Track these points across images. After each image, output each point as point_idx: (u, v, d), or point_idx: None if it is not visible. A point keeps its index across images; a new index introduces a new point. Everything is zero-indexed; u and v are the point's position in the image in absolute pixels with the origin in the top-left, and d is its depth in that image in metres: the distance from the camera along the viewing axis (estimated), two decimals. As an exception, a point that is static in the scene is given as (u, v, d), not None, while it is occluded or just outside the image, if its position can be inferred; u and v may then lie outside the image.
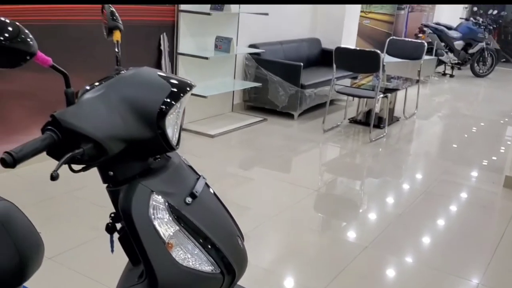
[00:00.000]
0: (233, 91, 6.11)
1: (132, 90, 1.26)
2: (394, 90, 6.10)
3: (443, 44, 10.22)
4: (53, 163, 1.14)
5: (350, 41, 7.71)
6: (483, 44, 10.34)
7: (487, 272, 3.03)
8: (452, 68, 10.62)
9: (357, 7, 7.86)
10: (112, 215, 1.37)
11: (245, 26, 6.06)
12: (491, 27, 10.72)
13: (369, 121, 5.85)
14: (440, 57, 10.13)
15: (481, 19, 10.66)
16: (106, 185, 1.35)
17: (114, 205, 1.36)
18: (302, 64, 6.00)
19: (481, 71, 10.56)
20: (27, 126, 4.00)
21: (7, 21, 1.15)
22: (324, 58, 7.26)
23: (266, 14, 5.86)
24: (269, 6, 6.19)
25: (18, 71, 3.83)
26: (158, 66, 5.10)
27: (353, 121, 6.26)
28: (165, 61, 5.15)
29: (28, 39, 1.17)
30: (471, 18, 10.92)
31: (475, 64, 10.51)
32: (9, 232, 1.40)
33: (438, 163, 5.11)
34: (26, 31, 1.16)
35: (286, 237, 3.35)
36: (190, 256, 1.28)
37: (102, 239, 1.62)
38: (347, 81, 6.36)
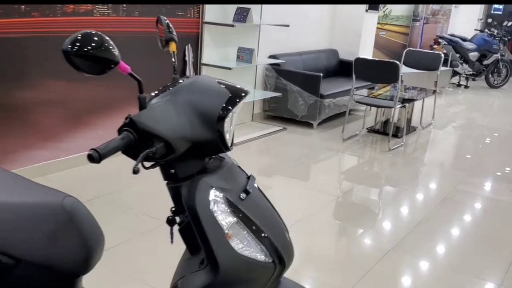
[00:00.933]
0: (253, 101, 6.25)
1: (196, 96, 1.40)
2: (412, 100, 6.21)
3: (458, 55, 10.32)
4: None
5: (366, 52, 7.84)
6: (498, 56, 10.43)
7: (508, 274, 3.13)
8: (467, 79, 10.70)
9: (374, 19, 7.99)
10: (173, 209, 1.50)
11: (266, 37, 6.22)
12: (506, 39, 10.81)
13: (387, 130, 5.96)
14: (455, 68, 10.22)
15: (496, 31, 10.76)
16: (166, 182, 1.49)
17: (173, 200, 1.49)
18: (321, 74, 6.13)
19: (495, 82, 10.64)
20: (57, 133, 4.17)
21: (93, 32, 1.29)
22: (341, 68, 7.40)
23: (287, 25, 6.01)
24: (289, 17, 6.34)
25: (50, 81, 4.01)
26: (183, 75, 5.25)
27: (371, 130, 6.38)
28: (189, 71, 5.31)
29: (111, 47, 1.30)
30: (486, 30, 11.02)
31: (490, 75, 10.60)
32: (77, 226, 1.53)
33: (455, 172, 5.20)
34: (110, 41, 1.30)
35: (308, 242, 3.46)
36: (246, 246, 1.42)
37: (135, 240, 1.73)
38: (364, 92, 6.48)
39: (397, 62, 5.51)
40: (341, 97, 6.45)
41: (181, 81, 1.50)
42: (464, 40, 10.66)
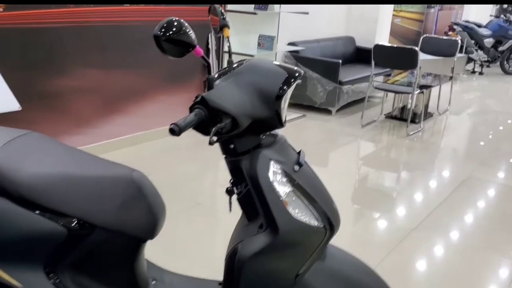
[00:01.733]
0: (273, 88, 6.37)
1: (256, 77, 1.55)
2: (429, 86, 6.32)
3: (472, 41, 10.37)
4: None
5: (382, 39, 7.94)
6: (513, 42, 10.48)
7: (528, 252, 3.27)
8: (482, 65, 10.76)
9: (390, 6, 8.09)
10: (231, 180, 1.65)
11: (285, 24, 6.34)
12: (522, 25, 10.85)
13: (405, 116, 6.09)
14: (470, 55, 10.28)
15: (511, 16, 10.78)
16: (224, 156, 1.64)
17: (231, 173, 1.65)
18: (340, 61, 6.26)
19: (510, 69, 10.69)
20: (90, 118, 4.34)
21: (174, 19, 1.44)
22: (358, 55, 7.52)
23: (307, 13, 6.13)
24: (308, 5, 6.45)
25: (83, 70, 4.17)
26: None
27: (389, 116, 6.50)
28: (212, 59, 5.45)
29: (188, 30, 1.45)
30: (502, 16, 11.05)
31: (505, 62, 10.64)
32: (144, 196, 1.69)
33: (473, 156, 5.33)
34: (188, 26, 1.45)
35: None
36: (301, 212, 1.57)
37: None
38: (381, 78, 6.60)
39: (416, 48, 5.62)
40: (359, 84, 6.57)
41: (235, 65, 1.65)
42: (479, 26, 10.70)
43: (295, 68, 1.62)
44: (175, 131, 1.36)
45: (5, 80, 3.28)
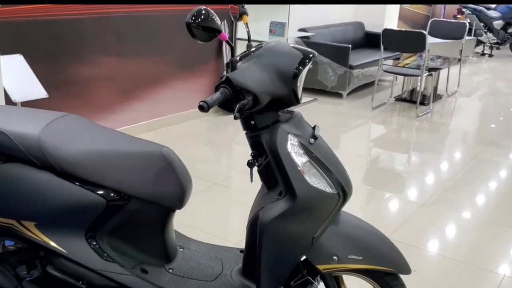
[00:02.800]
0: (285, 73, 6.52)
1: (275, 58, 1.71)
2: (438, 68, 6.43)
3: (482, 24, 10.41)
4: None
5: (391, 24, 8.04)
6: (523, 23, 10.51)
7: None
8: (491, 48, 10.81)
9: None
10: (252, 154, 1.82)
11: (295, 11, 6.46)
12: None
13: (414, 98, 6.22)
14: (479, 38, 10.33)
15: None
16: (245, 132, 1.81)
17: (252, 147, 1.81)
18: (350, 46, 6.38)
19: (520, 50, 10.73)
20: (110, 105, 4.52)
21: (202, 7, 1.62)
22: (368, 40, 7.64)
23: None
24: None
25: (102, 58, 4.35)
26: (219, 50, 5.56)
27: (399, 99, 6.63)
28: (225, 46, 5.60)
29: (214, 17, 1.62)
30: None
31: (514, 43, 10.69)
32: (174, 170, 1.87)
33: (482, 136, 5.46)
34: (214, 13, 1.62)
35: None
36: (316, 180, 1.74)
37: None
38: (390, 62, 6.72)
39: (424, 32, 5.74)
40: (369, 68, 6.70)
41: (253, 48, 1.81)
42: (488, 8, 10.74)
43: (309, 50, 1.77)
44: (204, 107, 1.53)
45: (32, 69, 3.46)
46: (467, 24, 6.92)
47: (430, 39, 7.20)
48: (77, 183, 1.79)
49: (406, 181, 4.16)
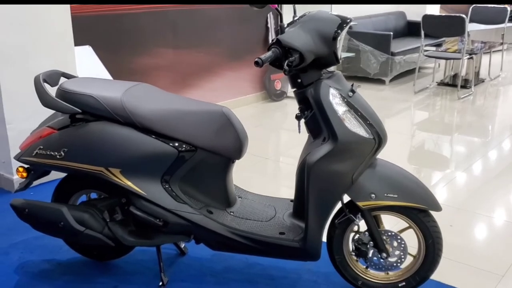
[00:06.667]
0: (328, 62, 6.79)
1: (317, 23, 2.02)
2: (479, 52, 6.56)
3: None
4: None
5: (433, 12, 8.18)
6: None
7: None
8: (537, 34, 10.70)
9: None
10: (300, 108, 2.13)
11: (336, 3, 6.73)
12: None
13: (456, 82, 6.37)
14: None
15: None
16: (293, 90, 2.13)
17: (299, 102, 2.13)
18: (391, 33, 6.60)
19: None
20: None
21: None
22: (409, 29, 7.84)
23: (357, -10, 6.51)
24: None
25: (160, 49, 4.75)
26: (266, 41, 5.90)
27: (441, 83, 6.80)
28: (271, 37, 5.93)
29: None
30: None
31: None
32: (233, 126, 2.21)
33: (524, 114, 5.58)
34: None
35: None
36: (355, 126, 2.04)
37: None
38: (432, 49, 6.89)
39: (463, 16, 5.90)
40: (410, 55, 6.89)
41: (297, 17, 2.12)
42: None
43: (346, 16, 2.08)
44: (259, 63, 1.85)
45: (100, 60, 3.89)
46: (508, 9, 7.00)
47: (472, 26, 7.34)
48: (154, 136, 2.16)
49: (450, 161, 4.37)
